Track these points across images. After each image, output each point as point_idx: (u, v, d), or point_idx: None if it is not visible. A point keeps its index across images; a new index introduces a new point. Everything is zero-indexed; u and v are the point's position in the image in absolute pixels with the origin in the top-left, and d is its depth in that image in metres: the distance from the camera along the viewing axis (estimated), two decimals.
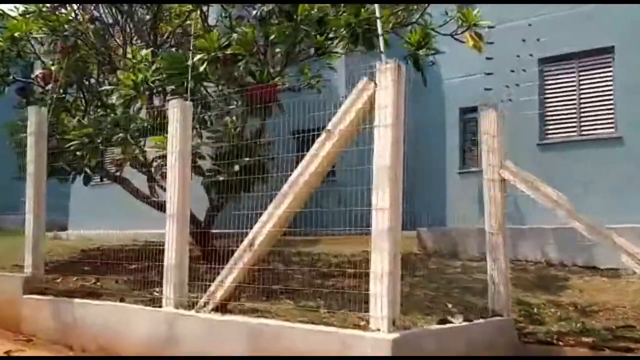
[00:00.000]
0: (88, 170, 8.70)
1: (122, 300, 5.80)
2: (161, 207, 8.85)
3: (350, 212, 6.16)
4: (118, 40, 8.22)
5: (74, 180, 8.80)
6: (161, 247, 10.47)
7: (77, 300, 5.87)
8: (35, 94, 9.40)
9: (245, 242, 4.66)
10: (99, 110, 9.25)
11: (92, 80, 9.05)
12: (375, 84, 4.10)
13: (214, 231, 8.25)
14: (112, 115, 8.80)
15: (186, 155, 5.26)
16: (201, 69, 6.20)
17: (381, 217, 3.93)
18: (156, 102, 7.58)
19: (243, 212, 6.36)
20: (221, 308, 4.79)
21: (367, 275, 4.47)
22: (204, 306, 4.84)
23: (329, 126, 4.31)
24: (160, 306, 5.22)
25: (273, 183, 6.33)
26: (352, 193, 6.93)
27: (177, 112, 5.25)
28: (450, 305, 5.58)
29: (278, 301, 5.55)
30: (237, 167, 5.98)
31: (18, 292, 6.31)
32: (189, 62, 6.36)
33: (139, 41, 8.44)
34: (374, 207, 3.98)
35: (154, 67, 6.82)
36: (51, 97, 8.77)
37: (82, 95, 9.18)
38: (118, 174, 8.24)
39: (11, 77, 9.05)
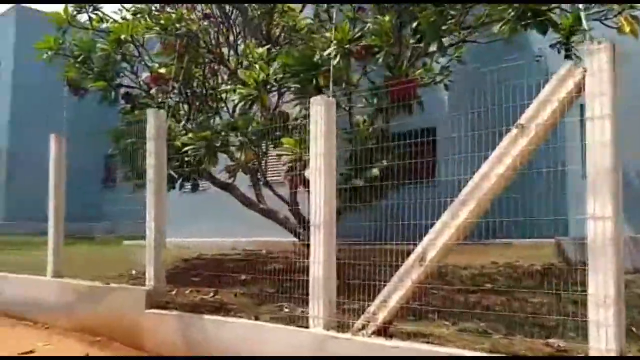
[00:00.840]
0: (196, 177, 8.41)
1: (256, 318, 5.30)
2: (269, 214, 8.49)
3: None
4: (229, 38, 7.79)
5: (182, 187, 8.49)
6: (268, 257, 10.07)
7: (207, 316, 5.42)
8: (139, 99, 9.17)
9: (414, 255, 4.05)
10: (200, 114, 8.93)
11: (196, 82, 8.71)
12: (584, 68, 3.42)
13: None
14: (217, 117, 8.48)
15: (332, 158, 4.71)
16: (334, 62, 5.66)
17: (601, 229, 3.25)
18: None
19: (372, 222, 5.81)
20: (383, 331, 4.20)
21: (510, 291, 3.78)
22: (362, 328, 4.27)
23: (522, 120, 3.65)
24: (305, 326, 4.69)
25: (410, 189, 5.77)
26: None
27: (320, 110, 4.71)
28: (634, 329, 4.78)
29: (431, 322, 4.90)
30: (375, 171, 5.39)
31: (140, 306, 5.94)
32: (316, 57, 5.89)
33: (241, 39, 8.01)
34: (590, 215, 3.29)
35: (275, 65, 6.35)
36: (163, 101, 8.52)
37: (185, 99, 8.86)
38: (231, 180, 7.81)
39: (117, 81, 8.85)
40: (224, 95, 8.64)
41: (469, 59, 7.28)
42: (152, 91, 8.96)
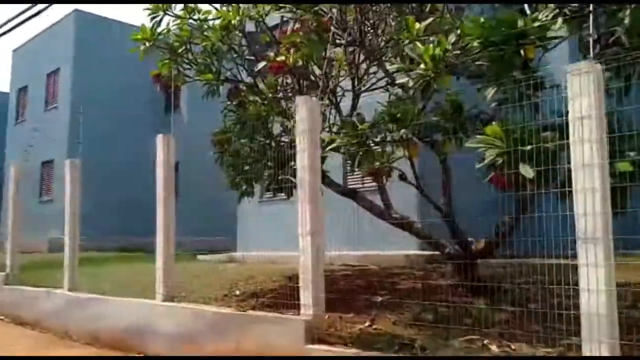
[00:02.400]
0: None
1: None
2: (403, 225, 7.24)
3: None
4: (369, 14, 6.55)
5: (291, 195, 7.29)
6: (390, 274, 8.75)
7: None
8: (242, 94, 8.05)
9: None
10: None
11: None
12: None
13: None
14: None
15: (604, 145, 3.44)
16: (556, 27, 4.40)
17: None
18: None
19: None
20: None
21: None
22: None
23: None
24: None
25: None
26: None
27: (587, 80, 3.45)
28: None
29: None
30: (625, 165, 4.08)
31: (297, 341, 4.70)
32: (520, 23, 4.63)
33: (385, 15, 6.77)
34: None
35: (451, 38, 5.13)
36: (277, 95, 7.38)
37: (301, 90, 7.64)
38: (377, 185, 6.58)
39: (227, 74, 7.78)
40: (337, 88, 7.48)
41: None
42: (261, 86, 7.84)
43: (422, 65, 5.09)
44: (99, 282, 9.08)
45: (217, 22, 7.78)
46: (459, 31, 5.14)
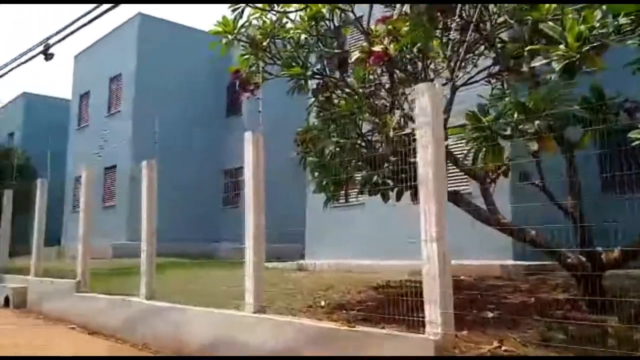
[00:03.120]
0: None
1: None
2: (513, 232, 6.54)
3: None
4: None
5: (400, 197, 6.65)
6: (478, 285, 7.95)
7: None
8: (329, 89, 7.50)
9: None
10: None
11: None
12: None
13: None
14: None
15: None
16: None
17: None
18: None
19: None
20: None
21: None
22: None
23: None
24: None
25: None
26: None
27: None
28: None
29: None
30: None
31: None
32: None
33: None
34: None
35: (597, 15, 4.42)
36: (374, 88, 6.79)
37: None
38: (491, 185, 5.90)
39: (313, 68, 7.24)
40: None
41: None
42: (350, 80, 7.28)
43: (561, 46, 4.41)
44: (174, 289, 8.64)
45: (302, 13, 7.30)
46: (604, 7, 4.44)
